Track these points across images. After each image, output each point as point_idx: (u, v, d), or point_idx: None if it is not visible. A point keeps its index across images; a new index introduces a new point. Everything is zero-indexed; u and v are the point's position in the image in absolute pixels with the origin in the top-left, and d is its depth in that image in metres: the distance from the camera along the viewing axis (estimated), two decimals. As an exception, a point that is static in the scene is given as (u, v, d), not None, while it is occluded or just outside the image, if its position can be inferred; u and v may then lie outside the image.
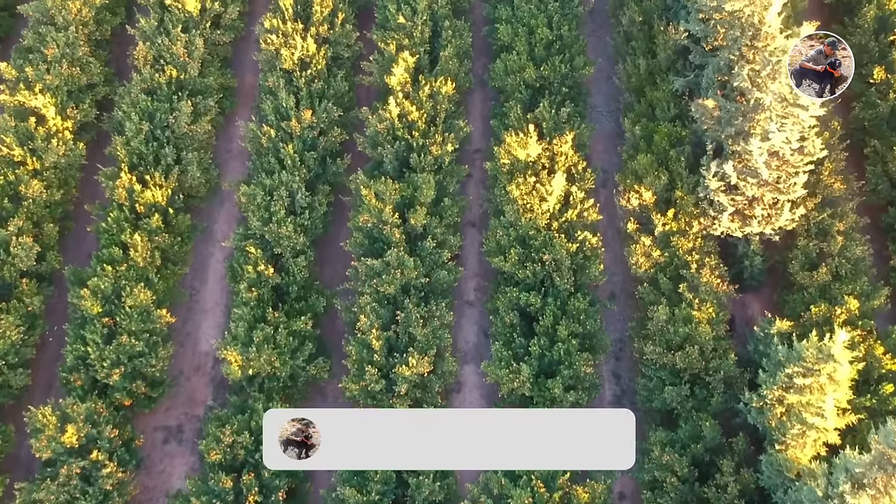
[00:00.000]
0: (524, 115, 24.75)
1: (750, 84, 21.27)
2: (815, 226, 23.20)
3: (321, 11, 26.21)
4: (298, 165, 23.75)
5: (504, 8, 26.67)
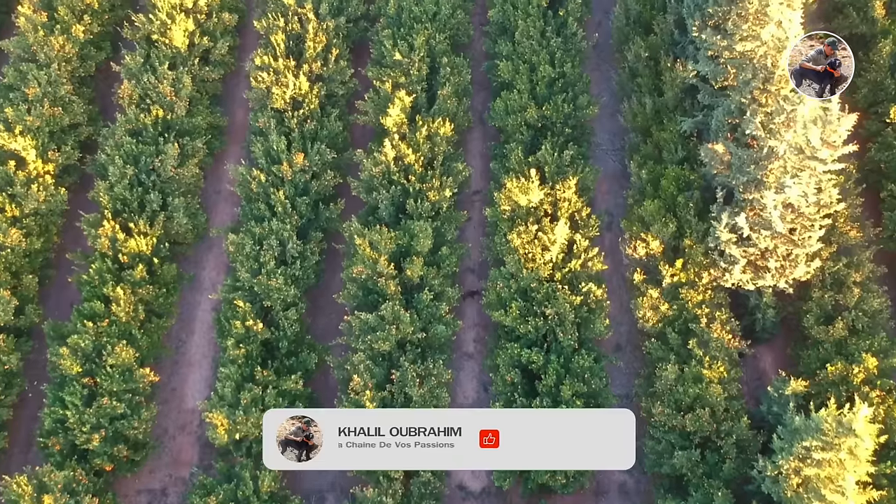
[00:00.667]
0: (525, 158, 23.70)
1: (763, 132, 20.23)
2: (829, 276, 22.15)
3: (314, 47, 25.18)
4: (290, 212, 22.71)
5: (505, 43, 25.63)
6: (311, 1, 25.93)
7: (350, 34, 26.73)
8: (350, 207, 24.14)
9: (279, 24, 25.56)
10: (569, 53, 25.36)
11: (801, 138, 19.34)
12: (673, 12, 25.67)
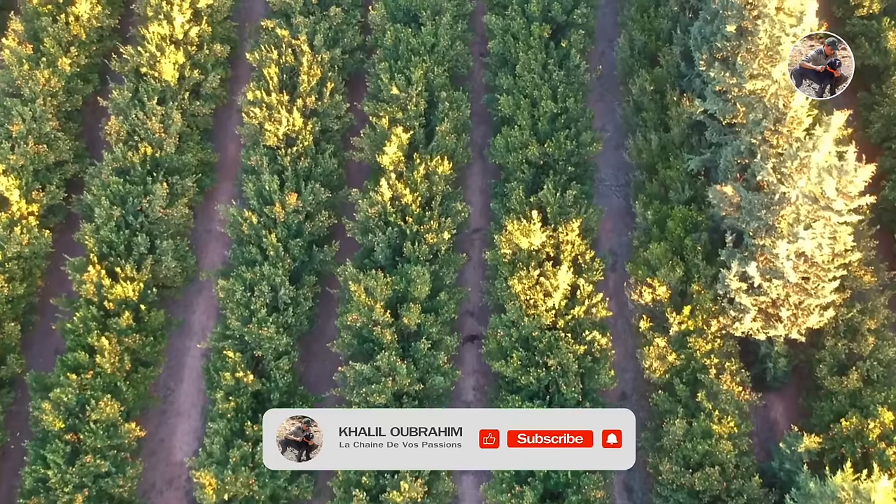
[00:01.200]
0: (527, 198, 22.86)
1: (774, 177, 19.38)
2: (843, 323, 21.29)
3: (308, 81, 24.33)
4: (282, 256, 21.87)
5: (505, 77, 24.77)
6: (305, 32, 25.10)
7: (346, 66, 25.90)
8: (345, 248, 23.30)
9: (272, 57, 24.73)
10: (571, 87, 24.51)
11: (815, 187, 18.50)
12: (679, 44, 24.86)
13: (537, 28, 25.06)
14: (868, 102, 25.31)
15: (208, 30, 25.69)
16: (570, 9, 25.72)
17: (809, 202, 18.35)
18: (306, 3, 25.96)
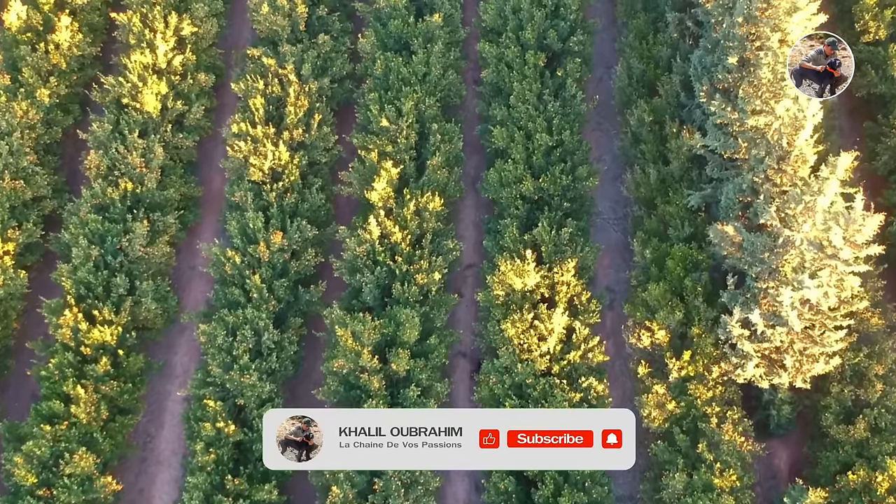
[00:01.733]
0: (520, 236, 22.03)
1: (778, 222, 18.56)
2: (849, 368, 20.46)
3: (296, 112, 23.52)
4: (266, 297, 21.05)
5: (499, 108, 23.94)
6: (292, 61, 24.30)
7: (335, 95, 25.10)
8: (333, 287, 22.49)
9: (258, 87, 23.92)
10: (567, 118, 23.68)
11: (820, 233, 17.67)
12: (679, 72, 24.06)
13: (532, 56, 24.26)
14: (874, 133, 24.48)
15: (193, 58, 24.89)
16: (567, 36, 24.91)
17: (815, 249, 17.50)
18: (294, 30, 25.16)
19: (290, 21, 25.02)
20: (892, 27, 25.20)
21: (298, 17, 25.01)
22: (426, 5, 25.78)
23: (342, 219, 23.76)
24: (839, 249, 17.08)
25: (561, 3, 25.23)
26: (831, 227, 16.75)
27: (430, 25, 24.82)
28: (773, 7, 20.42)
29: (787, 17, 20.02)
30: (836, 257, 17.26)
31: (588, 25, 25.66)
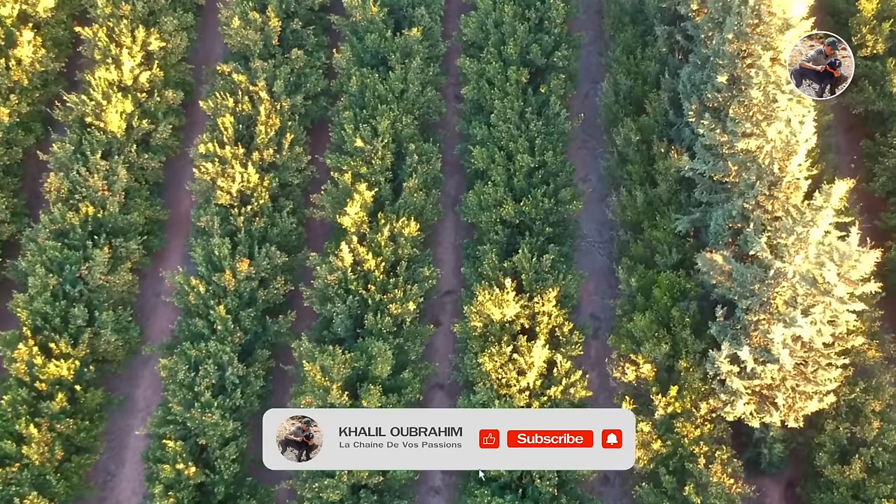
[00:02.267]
0: (500, 263, 20.99)
1: (769, 253, 17.51)
2: (845, 404, 19.41)
3: (266, 132, 22.47)
4: (232, 329, 20.01)
5: (479, 127, 22.89)
6: (264, 77, 23.24)
7: (308, 113, 24.07)
8: (304, 316, 21.47)
9: (227, 105, 22.88)
10: (550, 138, 22.64)
11: (813, 267, 16.62)
12: (668, 89, 23.04)
13: (514, 73, 23.22)
14: (872, 152, 23.44)
15: (160, 74, 23.86)
16: (550, 51, 23.88)
17: (807, 284, 16.46)
18: (267, 45, 24.13)
19: (262, 35, 24.01)
20: (890, 41, 24.15)
21: (271, 31, 24.00)
22: (405, 18, 24.76)
23: (316, 243, 22.75)
24: (833, 286, 16.02)
25: (545, 16, 24.22)
26: (825, 263, 15.68)
27: (409, 40, 23.80)
28: (764, 24, 19.42)
29: (780, 34, 19.01)
30: (829, 294, 16.20)
31: (573, 39, 24.63)
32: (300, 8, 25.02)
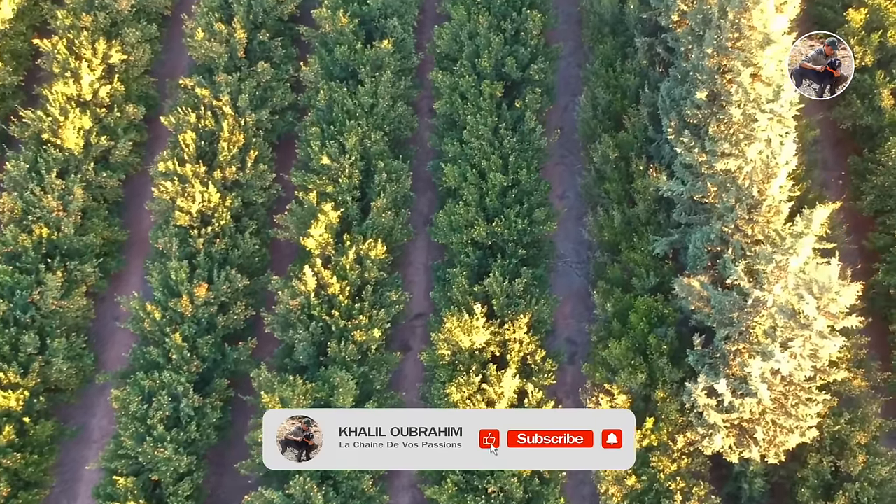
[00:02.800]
0: (471, 287, 20.12)
1: (746, 282, 16.64)
2: (829, 436, 18.53)
3: (229, 148, 21.61)
4: (188, 358, 19.13)
5: (451, 143, 22.02)
6: (227, 92, 22.37)
7: (275, 128, 23.21)
8: (267, 342, 20.60)
9: (189, 120, 22.01)
10: (525, 155, 21.77)
11: (792, 297, 15.74)
12: (647, 104, 22.18)
13: (488, 87, 22.35)
14: (860, 169, 22.57)
15: (122, 88, 22.99)
16: (527, 64, 23.02)
17: (786, 317, 15.57)
18: (232, 57, 23.25)
19: (227, 47, 23.16)
20: (879, 52, 23.31)
21: (237, 42, 23.14)
22: (377, 29, 23.87)
23: (281, 264, 21.89)
24: (813, 319, 15.13)
25: (521, 27, 23.35)
26: (804, 296, 14.79)
27: (380, 52, 22.92)
28: (745, 38, 18.55)
29: (760, 50, 18.11)
30: (808, 328, 15.32)
31: (551, 51, 23.76)
32: (268, 19, 24.15)
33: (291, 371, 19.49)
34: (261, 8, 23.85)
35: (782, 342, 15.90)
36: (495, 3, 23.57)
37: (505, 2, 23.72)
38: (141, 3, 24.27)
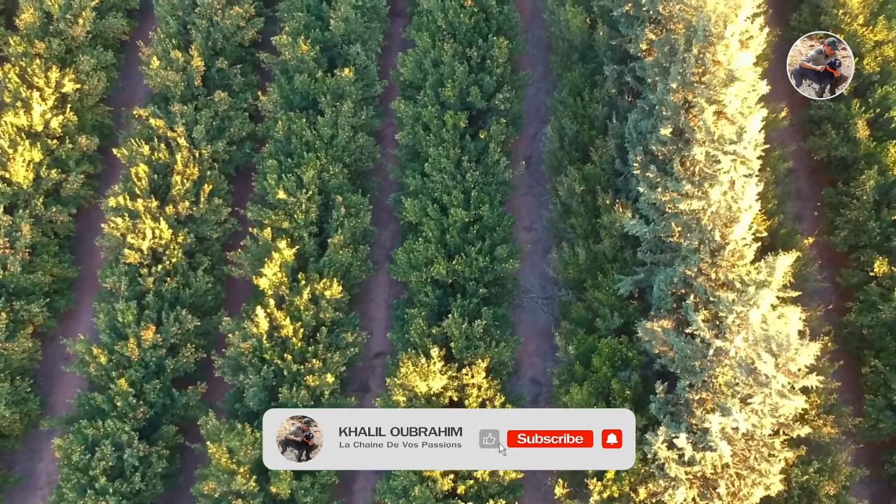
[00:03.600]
0: (429, 329, 19.45)
1: (707, 333, 15.99)
2: (797, 486, 17.87)
3: (182, 182, 20.93)
4: (134, 405, 18.47)
5: (413, 177, 21.35)
6: (182, 122, 21.69)
7: (232, 159, 22.54)
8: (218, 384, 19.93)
9: (143, 153, 21.33)
10: (488, 189, 21.09)
11: (751, 352, 15.09)
12: (615, 135, 21.47)
13: (451, 117, 21.66)
14: (834, 202, 21.87)
15: (75, 119, 22.28)
16: (492, 93, 22.33)
17: (745, 373, 14.92)
18: (189, 86, 22.56)
19: (184, 76, 22.45)
20: (856, 80, 22.51)
21: (194, 70, 22.43)
22: (340, 56, 23.18)
23: (237, 301, 21.24)
24: (772, 378, 14.47)
25: (487, 54, 22.66)
26: (761, 355, 14.13)
27: (341, 81, 22.23)
28: (709, 73, 17.90)
29: (724, 87, 17.46)
30: (767, 386, 14.66)
31: (518, 79, 23.09)
32: (228, 45, 23.46)
33: (242, 416, 18.84)
34: (220, 34, 23.17)
35: (742, 398, 15.25)
36: (461, 30, 22.87)
37: (471, 28, 23.01)
38: (97, 28, 23.53)
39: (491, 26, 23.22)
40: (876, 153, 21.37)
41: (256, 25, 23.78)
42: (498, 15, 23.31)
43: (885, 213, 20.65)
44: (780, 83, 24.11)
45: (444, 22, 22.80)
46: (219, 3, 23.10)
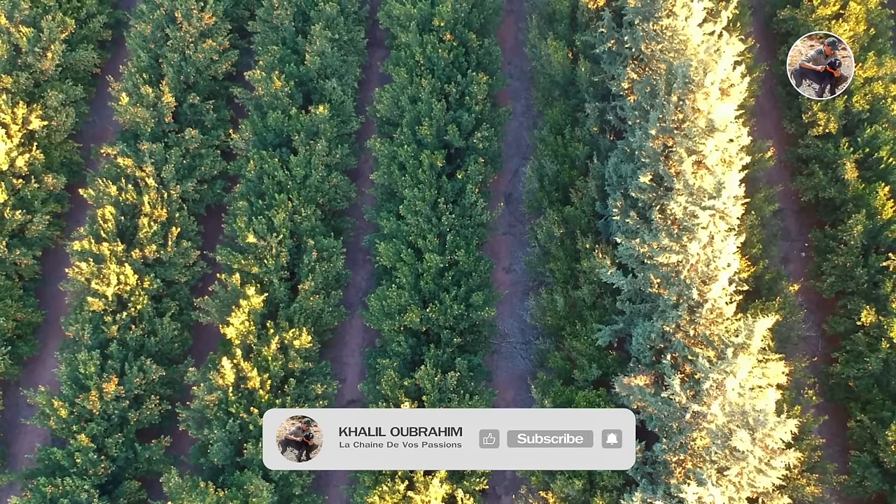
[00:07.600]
0: (401, 380, 18.85)
1: (684, 398, 15.39)
2: (780, 549, 17.28)
3: (150, 224, 20.33)
4: (95, 460, 17.88)
5: (388, 219, 20.75)
6: (151, 162, 21.09)
7: (203, 198, 21.91)
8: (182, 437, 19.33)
9: (109, 193, 20.74)
10: (464, 232, 20.49)
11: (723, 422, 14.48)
12: (596, 175, 20.86)
13: (427, 156, 21.04)
14: (822, 248, 21.23)
15: (41, 157, 21.67)
16: (471, 131, 21.72)
17: (721, 446, 14.31)
18: (159, 122, 21.94)
19: (154, 112, 21.84)
20: (844, 118, 21.93)
21: (164, 107, 21.82)
22: (316, 91, 22.57)
23: (205, 347, 20.67)
24: (748, 453, 13.86)
25: (466, 90, 22.04)
26: (736, 431, 13.53)
27: (315, 118, 21.63)
28: (689, 121, 17.32)
29: (704, 137, 16.87)
30: (743, 460, 14.05)
31: (498, 116, 22.47)
32: (201, 79, 22.84)
33: (207, 472, 18.26)
34: (193, 67, 22.56)
35: (719, 467, 14.64)
36: (439, 65, 22.25)
37: (450, 63, 22.40)
38: (67, 61, 22.93)
39: (471, 61, 22.61)
40: (864, 195, 20.70)
41: (230, 58, 23.15)
42: (478, 49, 22.70)
43: (874, 259, 19.99)
44: (769, 118, 23.62)
45: (422, 57, 22.19)
46: (191, 37, 22.51)
